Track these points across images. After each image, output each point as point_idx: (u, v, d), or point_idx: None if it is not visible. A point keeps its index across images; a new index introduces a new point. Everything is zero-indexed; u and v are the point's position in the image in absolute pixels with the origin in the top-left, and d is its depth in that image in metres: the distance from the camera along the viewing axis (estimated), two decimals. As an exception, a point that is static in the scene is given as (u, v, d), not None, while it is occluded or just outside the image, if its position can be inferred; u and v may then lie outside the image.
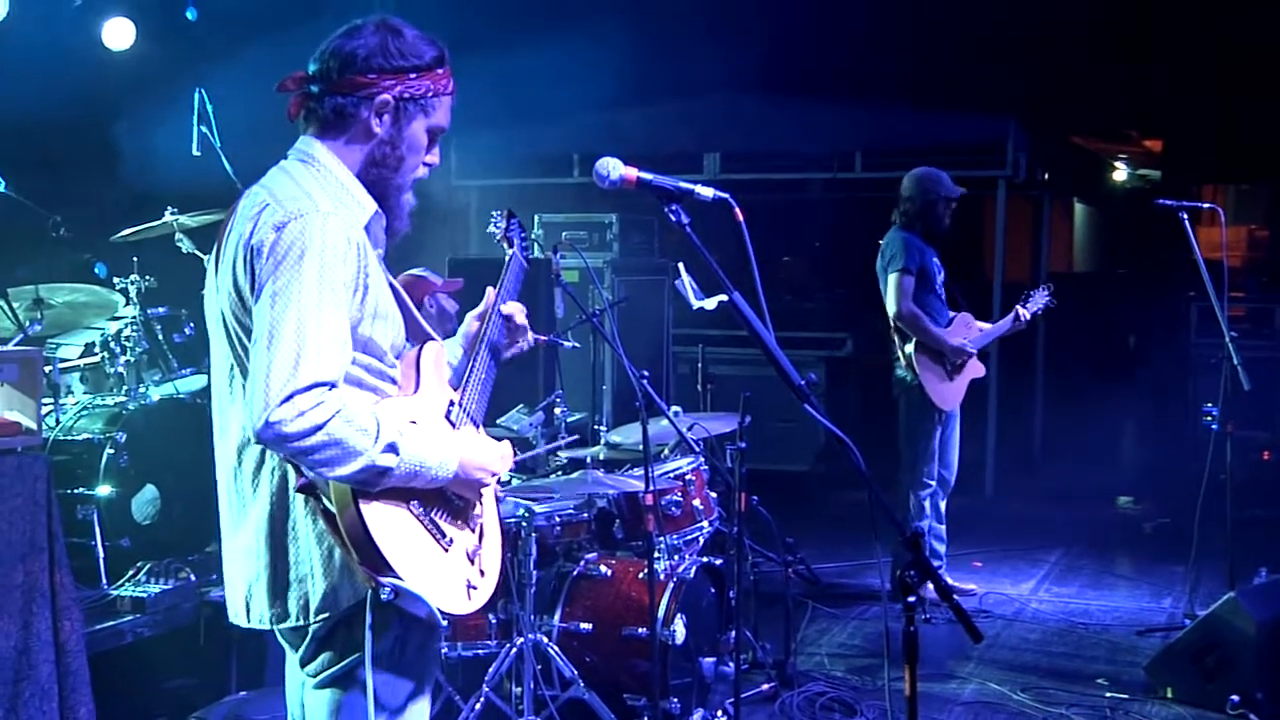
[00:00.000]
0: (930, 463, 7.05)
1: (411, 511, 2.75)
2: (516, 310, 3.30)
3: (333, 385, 2.59)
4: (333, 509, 2.65)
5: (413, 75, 2.85)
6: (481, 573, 2.92)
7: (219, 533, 2.94)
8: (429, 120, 2.91)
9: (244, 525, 2.82)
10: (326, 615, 2.74)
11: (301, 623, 2.76)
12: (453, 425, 2.96)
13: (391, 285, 2.92)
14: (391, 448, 2.62)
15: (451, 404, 3.01)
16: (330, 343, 2.61)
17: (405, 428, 2.69)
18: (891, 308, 6.93)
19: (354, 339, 2.74)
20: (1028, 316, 7.24)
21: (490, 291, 3.33)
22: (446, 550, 2.82)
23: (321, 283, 2.62)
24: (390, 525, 2.68)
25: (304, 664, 2.84)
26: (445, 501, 2.84)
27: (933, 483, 7.08)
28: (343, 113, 2.84)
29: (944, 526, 7.22)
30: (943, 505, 7.21)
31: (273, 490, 2.76)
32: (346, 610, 2.73)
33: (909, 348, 6.94)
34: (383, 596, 2.63)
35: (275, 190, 2.77)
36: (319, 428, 2.54)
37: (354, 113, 2.84)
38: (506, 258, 3.56)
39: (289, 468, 2.71)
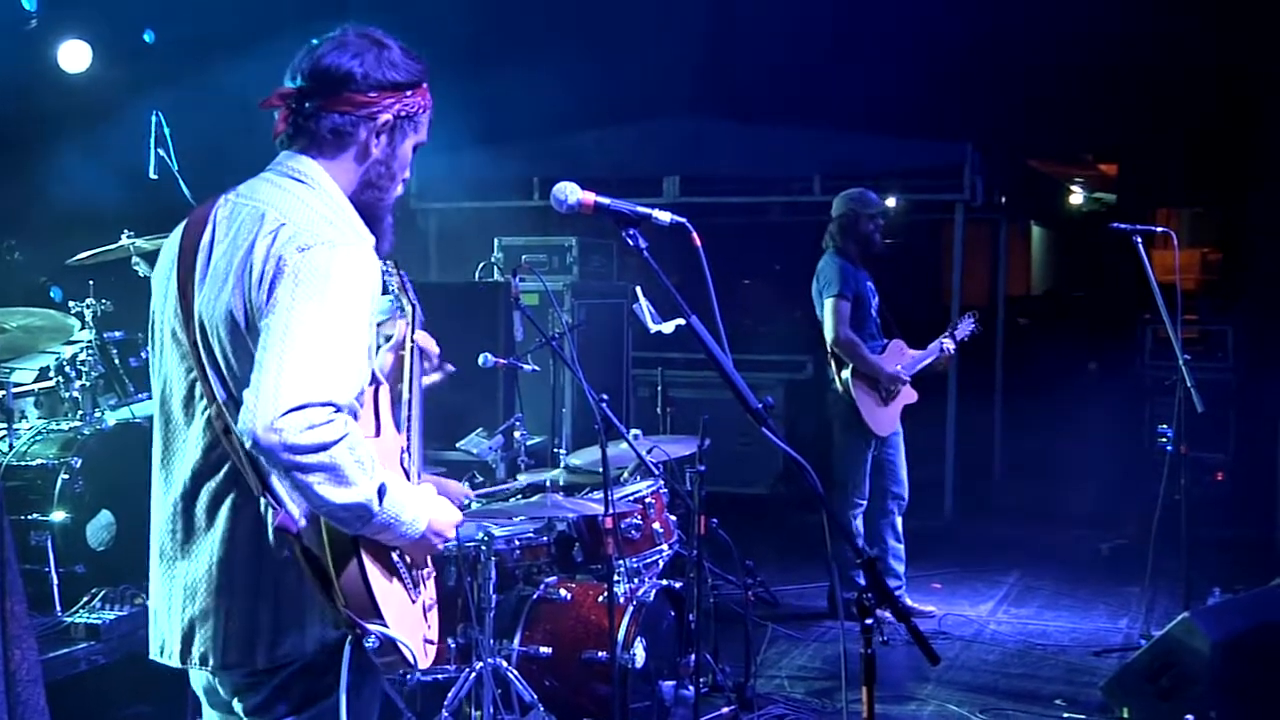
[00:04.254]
0: (863, 484, 7.18)
1: (394, 561, 2.67)
2: (427, 341, 3.15)
3: (344, 410, 2.45)
4: (315, 550, 2.54)
5: (409, 93, 2.77)
6: (429, 625, 2.86)
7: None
8: (417, 137, 2.84)
9: (193, 558, 2.66)
10: (292, 662, 2.64)
11: (263, 667, 2.64)
12: (405, 472, 2.87)
13: None
14: (381, 491, 2.49)
15: (403, 450, 2.93)
16: (349, 366, 2.48)
17: (391, 477, 2.56)
18: (829, 333, 7.03)
19: None
20: (951, 348, 7.39)
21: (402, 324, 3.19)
22: (413, 603, 2.75)
23: (348, 308, 2.51)
24: (381, 573, 2.61)
25: (254, 712, 2.70)
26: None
27: (864, 503, 7.20)
28: (341, 132, 2.72)
29: (902, 545, 7.28)
30: (900, 524, 7.27)
31: (234, 526, 2.62)
32: (312, 655, 2.64)
33: (845, 373, 7.04)
34: (368, 644, 2.53)
35: (286, 210, 2.63)
36: (324, 447, 2.39)
37: (352, 132, 2.73)
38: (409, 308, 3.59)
39: (260, 503, 2.58)
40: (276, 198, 2.67)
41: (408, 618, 2.69)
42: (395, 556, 2.67)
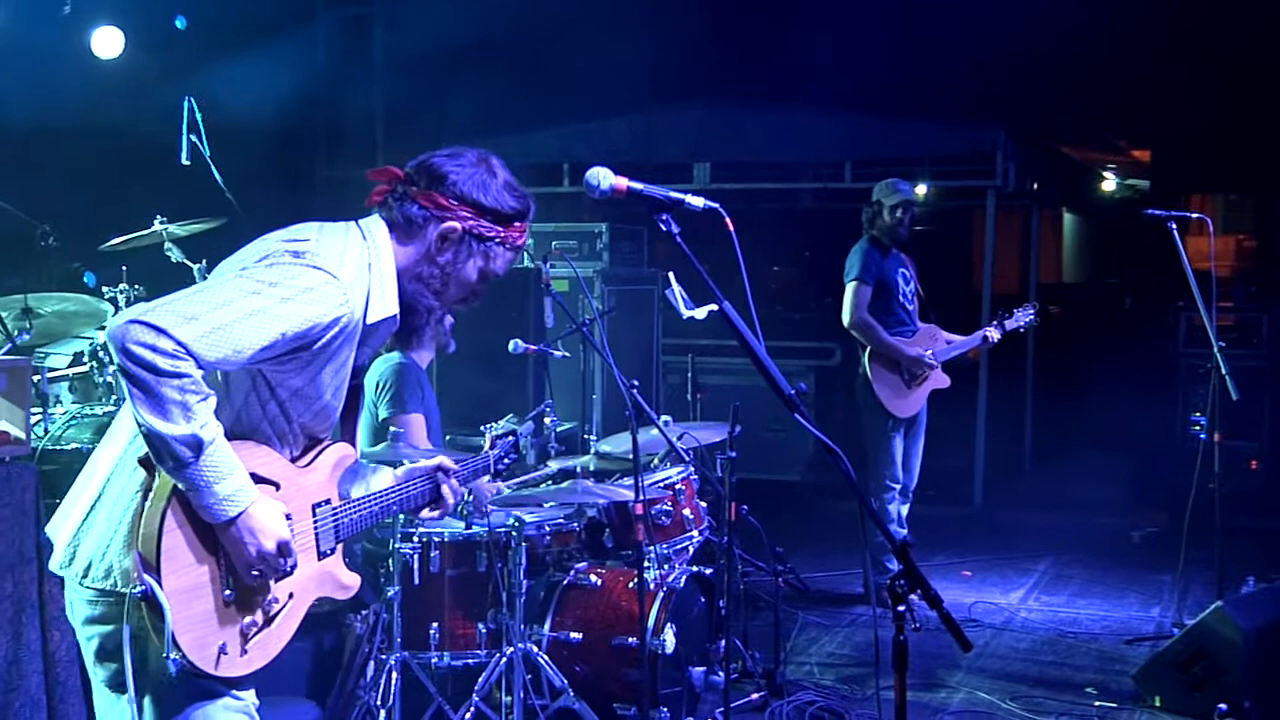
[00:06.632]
0: (891, 467, 7.16)
1: (216, 554, 2.71)
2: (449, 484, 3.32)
3: (200, 365, 2.54)
4: (150, 489, 2.66)
5: (489, 219, 2.96)
6: (244, 651, 2.77)
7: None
8: (487, 265, 3.02)
9: (90, 482, 2.83)
10: (104, 586, 2.70)
11: (94, 584, 2.71)
12: (315, 519, 2.93)
13: (352, 385, 2.97)
14: (198, 443, 2.55)
15: (326, 501, 2.97)
16: (228, 338, 2.57)
17: (223, 443, 2.62)
18: (845, 316, 7.10)
19: (283, 386, 2.79)
20: (996, 337, 7.32)
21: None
22: (225, 605, 2.73)
23: (270, 304, 2.63)
24: (184, 540, 2.65)
25: (89, 636, 2.84)
26: (251, 575, 2.76)
27: (896, 486, 7.17)
28: (412, 221, 2.94)
29: (905, 531, 7.27)
30: (904, 510, 7.25)
31: (120, 455, 2.77)
32: (117, 590, 2.68)
33: (865, 356, 7.05)
34: (134, 591, 2.60)
35: (322, 237, 2.84)
36: (151, 368, 2.49)
37: (422, 226, 2.94)
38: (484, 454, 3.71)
39: (142, 442, 2.65)
40: (330, 232, 2.90)
41: (200, 606, 2.67)
42: (221, 554, 2.71)
